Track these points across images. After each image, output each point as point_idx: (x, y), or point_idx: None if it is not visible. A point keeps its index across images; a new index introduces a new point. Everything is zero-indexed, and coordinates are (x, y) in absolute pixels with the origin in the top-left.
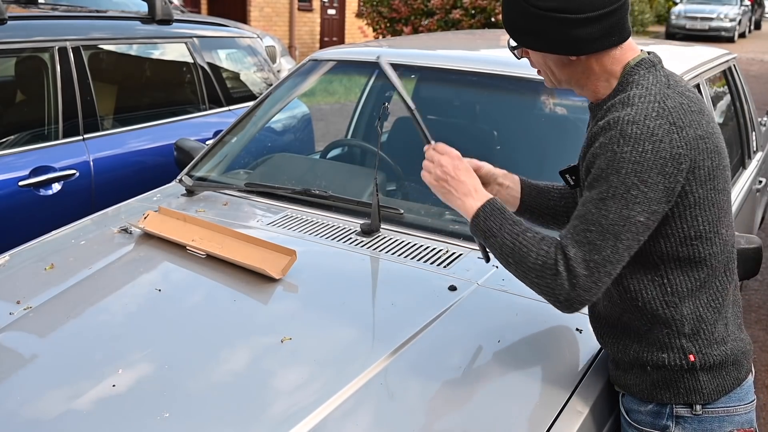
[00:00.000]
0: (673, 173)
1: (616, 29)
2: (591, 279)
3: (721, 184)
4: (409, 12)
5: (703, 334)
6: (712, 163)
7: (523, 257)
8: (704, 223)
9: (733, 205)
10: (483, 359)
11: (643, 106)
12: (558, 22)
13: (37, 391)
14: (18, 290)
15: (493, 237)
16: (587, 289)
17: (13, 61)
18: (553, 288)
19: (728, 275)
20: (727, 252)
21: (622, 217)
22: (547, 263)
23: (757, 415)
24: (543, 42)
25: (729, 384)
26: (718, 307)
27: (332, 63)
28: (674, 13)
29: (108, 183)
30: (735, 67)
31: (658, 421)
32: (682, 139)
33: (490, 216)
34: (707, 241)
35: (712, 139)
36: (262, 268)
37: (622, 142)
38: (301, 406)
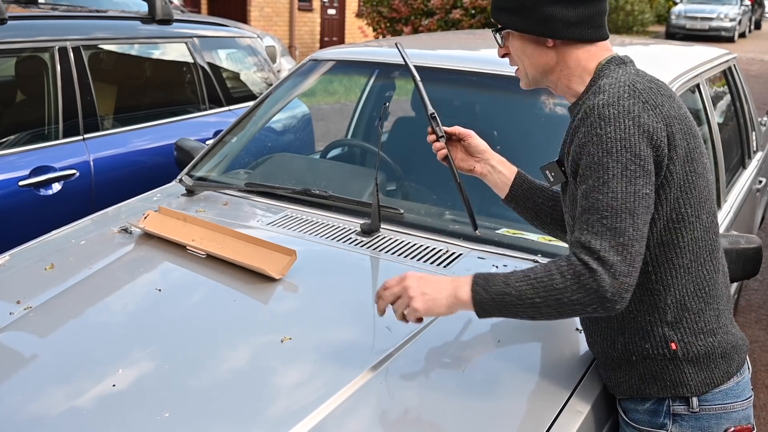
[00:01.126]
0: (659, 145)
1: (593, 23)
2: (626, 262)
3: (700, 168)
4: (409, 12)
5: (685, 323)
6: (688, 145)
7: (548, 289)
8: (686, 206)
9: (733, 205)
10: (483, 359)
11: (615, 90)
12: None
13: (37, 390)
14: (18, 290)
15: (508, 295)
16: (627, 274)
17: (13, 61)
18: (597, 290)
19: (715, 264)
20: (710, 239)
21: (630, 193)
22: (578, 270)
23: (757, 414)
24: (525, 19)
25: (718, 377)
26: (705, 297)
27: (332, 63)
28: (674, 13)
29: (108, 183)
30: (735, 67)
31: (655, 419)
32: (658, 115)
33: (488, 284)
34: (689, 225)
35: (686, 122)
36: (262, 268)
37: (603, 124)
38: (301, 405)
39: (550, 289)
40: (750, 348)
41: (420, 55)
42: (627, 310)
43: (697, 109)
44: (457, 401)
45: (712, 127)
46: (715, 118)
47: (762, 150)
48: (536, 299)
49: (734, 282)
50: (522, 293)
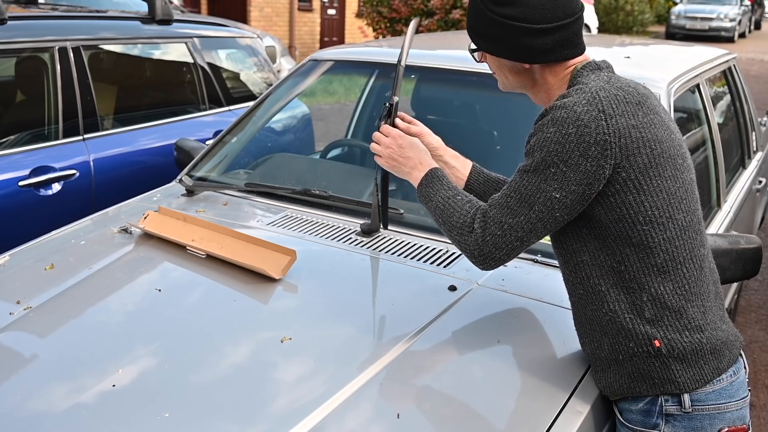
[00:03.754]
0: (597, 157)
1: (569, 43)
2: (502, 239)
3: (669, 172)
4: (409, 12)
5: (667, 320)
6: (651, 152)
7: (449, 217)
8: (653, 209)
9: (733, 205)
10: (483, 359)
11: (576, 96)
12: (515, 29)
13: (37, 391)
14: (18, 290)
15: (430, 201)
16: (498, 248)
17: (13, 61)
18: (469, 244)
19: (696, 262)
20: (688, 238)
21: (539, 189)
22: (466, 221)
23: (757, 414)
24: (499, 47)
25: (708, 373)
26: (686, 295)
27: (332, 63)
28: (674, 13)
29: (108, 183)
30: (735, 67)
31: (648, 419)
32: (611, 127)
33: (430, 183)
34: (659, 226)
35: (649, 129)
36: (262, 268)
37: (549, 124)
38: (300, 405)
39: (448, 219)
40: (750, 348)
41: (420, 55)
42: (606, 311)
43: (697, 109)
44: (457, 401)
45: (712, 127)
46: (715, 118)
47: (762, 150)
48: (440, 219)
49: (734, 282)
50: (436, 208)
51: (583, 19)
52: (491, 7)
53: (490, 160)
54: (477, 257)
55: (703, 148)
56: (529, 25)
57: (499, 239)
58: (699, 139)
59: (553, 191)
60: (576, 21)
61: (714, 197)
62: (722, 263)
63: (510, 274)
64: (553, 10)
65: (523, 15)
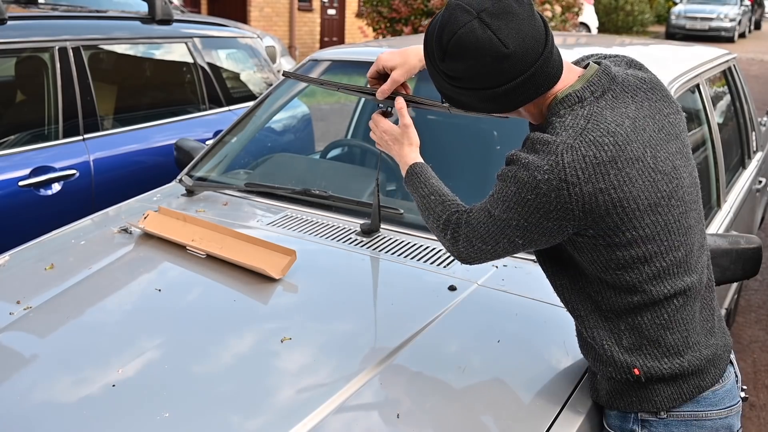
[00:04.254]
0: (559, 219)
1: (542, 83)
2: (470, 254)
3: (647, 220)
4: (409, 12)
5: (645, 349)
6: (623, 211)
7: (426, 218)
8: (626, 257)
9: (733, 205)
10: (482, 359)
11: (540, 159)
12: (472, 96)
13: (37, 390)
14: (18, 290)
15: (415, 193)
16: (471, 257)
17: (13, 61)
18: (445, 246)
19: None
20: (670, 275)
21: (503, 233)
22: (439, 227)
23: (757, 414)
24: (471, 108)
25: (687, 392)
26: (665, 324)
27: (332, 63)
28: (674, 13)
29: (108, 183)
30: (735, 67)
31: (624, 424)
32: (573, 196)
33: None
34: (634, 271)
35: (621, 188)
36: (262, 268)
37: (511, 181)
38: (300, 405)
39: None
40: (750, 348)
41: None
42: (587, 335)
43: (697, 109)
44: (457, 401)
45: (712, 127)
46: (715, 118)
47: (762, 150)
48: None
49: (734, 282)
50: (418, 201)
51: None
52: (446, 80)
53: (490, 160)
54: (455, 257)
55: (703, 148)
56: (485, 92)
57: (470, 252)
58: (699, 139)
59: (516, 238)
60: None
61: (714, 197)
62: (722, 263)
63: (510, 274)
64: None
65: (475, 85)
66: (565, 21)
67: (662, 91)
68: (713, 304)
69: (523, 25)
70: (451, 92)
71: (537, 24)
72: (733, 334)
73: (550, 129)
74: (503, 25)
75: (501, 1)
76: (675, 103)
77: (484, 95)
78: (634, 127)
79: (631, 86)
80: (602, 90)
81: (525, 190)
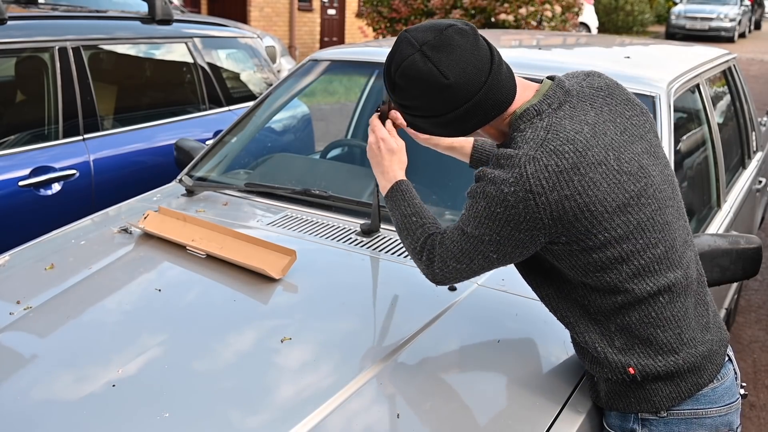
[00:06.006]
0: (530, 229)
1: (490, 108)
2: (448, 274)
3: (618, 220)
4: (409, 12)
5: (638, 348)
6: (591, 215)
7: (404, 238)
8: (603, 259)
9: (733, 205)
10: (482, 359)
11: (505, 173)
12: (430, 123)
13: (37, 390)
14: (18, 290)
15: (392, 214)
16: (446, 278)
17: (13, 61)
18: (420, 268)
19: (664, 291)
20: (651, 272)
21: (477, 249)
22: (416, 248)
23: (757, 415)
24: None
25: (685, 390)
26: (655, 323)
27: (332, 63)
28: (674, 13)
29: (108, 183)
30: (735, 67)
31: (625, 424)
32: (540, 205)
33: (392, 196)
34: (612, 271)
35: (586, 192)
36: (262, 268)
37: (480, 197)
38: (300, 406)
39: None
40: (750, 348)
41: None
42: (579, 339)
43: (697, 109)
44: (457, 401)
45: (712, 127)
46: (715, 118)
47: (762, 150)
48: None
49: (734, 282)
50: (395, 222)
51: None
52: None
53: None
54: (429, 279)
55: (703, 148)
56: (438, 119)
57: (445, 273)
58: (699, 139)
59: (490, 252)
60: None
61: (714, 197)
62: (722, 263)
63: (510, 274)
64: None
65: (427, 113)
66: (565, 21)
67: (622, 95)
68: (707, 299)
69: (465, 55)
70: (409, 120)
71: (481, 53)
72: (733, 334)
73: (513, 144)
74: (443, 57)
75: (442, 34)
76: (638, 104)
77: (435, 122)
78: (594, 132)
79: (587, 95)
80: (559, 102)
81: (494, 204)
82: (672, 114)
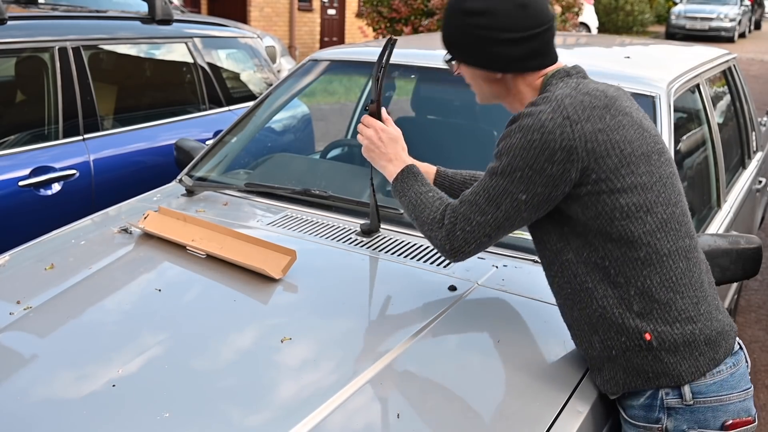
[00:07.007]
0: (563, 161)
1: (539, 53)
2: (471, 235)
3: (642, 169)
4: (409, 12)
5: (656, 313)
6: (621, 152)
7: (420, 212)
8: (629, 205)
9: (733, 205)
10: (483, 359)
11: (542, 105)
12: (485, 39)
13: (36, 391)
14: (18, 290)
15: (404, 196)
16: (467, 242)
17: (13, 61)
18: (440, 239)
19: (681, 254)
20: (670, 230)
21: (506, 191)
22: (437, 217)
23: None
24: (472, 57)
25: (703, 364)
26: (675, 287)
27: (332, 63)
28: (674, 13)
29: (108, 183)
30: (735, 67)
31: (650, 414)
32: (576, 132)
33: (405, 178)
34: (638, 221)
35: (617, 131)
36: (262, 268)
37: (516, 130)
38: (300, 406)
39: (420, 215)
40: (750, 348)
41: (420, 56)
42: (595, 308)
43: (697, 109)
44: (457, 401)
45: (712, 127)
46: (715, 118)
47: (762, 150)
48: (411, 214)
49: (734, 282)
50: (409, 203)
51: (555, 29)
52: (463, 18)
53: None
54: (447, 251)
55: (703, 148)
56: (499, 34)
57: (468, 234)
58: (699, 139)
59: (519, 193)
60: (547, 31)
61: (714, 197)
62: (722, 263)
63: (510, 274)
64: (522, 20)
65: (492, 24)
66: (565, 21)
67: None
68: (715, 287)
69: None
70: (462, 37)
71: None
72: None
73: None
74: None
75: None
76: None
77: (498, 38)
78: (618, 94)
79: None
80: (583, 73)
81: (530, 131)
82: (672, 114)
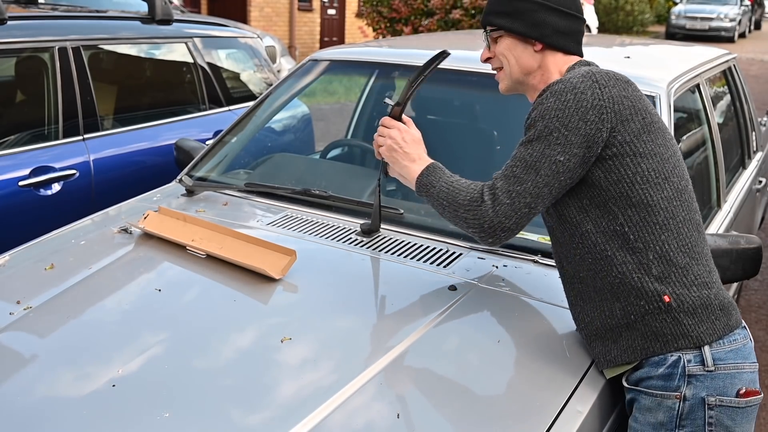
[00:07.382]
0: (595, 121)
1: (576, 38)
2: (512, 207)
3: (660, 140)
4: (409, 12)
5: (674, 276)
6: (643, 119)
7: (455, 198)
8: (649, 170)
9: (733, 205)
10: (483, 359)
11: (571, 75)
12: (536, 4)
13: (37, 391)
14: (18, 290)
15: (433, 188)
16: (508, 216)
17: (13, 61)
18: (479, 217)
19: (694, 225)
20: (685, 200)
21: (543, 155)
22: (474, 196)
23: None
24: (519, 22)
25: (720, 328)
26: (691, 253)
27: (332, 63)
28: (674, 13)
29: (108, 183)
30: (735, 67)
31: (669, 383)
32: (605, 94)
33: (432, 173)
34: (657, 186)
35: (639, 101)
36: (262, 268)
37: (549, 96)
38: (300, 406)
39: (454, 201)
40: None
41: (420, 56)
42: (615, 274)
43: (697, 109)
44: (457, 401)
45: (712, 127)
46: (715, 118)
47: (762, 150)
48: (444, 202)
49: (734, 282)
50: (440, 192)
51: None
52: None
53: (491, 160)
54: (487, 230)
55: (703, 148)
56: (552, 2)
57: (508, 208)
58: (699, 139)
59: (557, 155)
60: (584, 22)
61: (714, 197)
62: (722, 263)
63: (510, 274)
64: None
65: None
66: None
67: None
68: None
69: None
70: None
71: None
72: None
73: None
74: None
75: None
76: None
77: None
78: None
79: None
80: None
81: (564, 93)
82: (672, 114)
